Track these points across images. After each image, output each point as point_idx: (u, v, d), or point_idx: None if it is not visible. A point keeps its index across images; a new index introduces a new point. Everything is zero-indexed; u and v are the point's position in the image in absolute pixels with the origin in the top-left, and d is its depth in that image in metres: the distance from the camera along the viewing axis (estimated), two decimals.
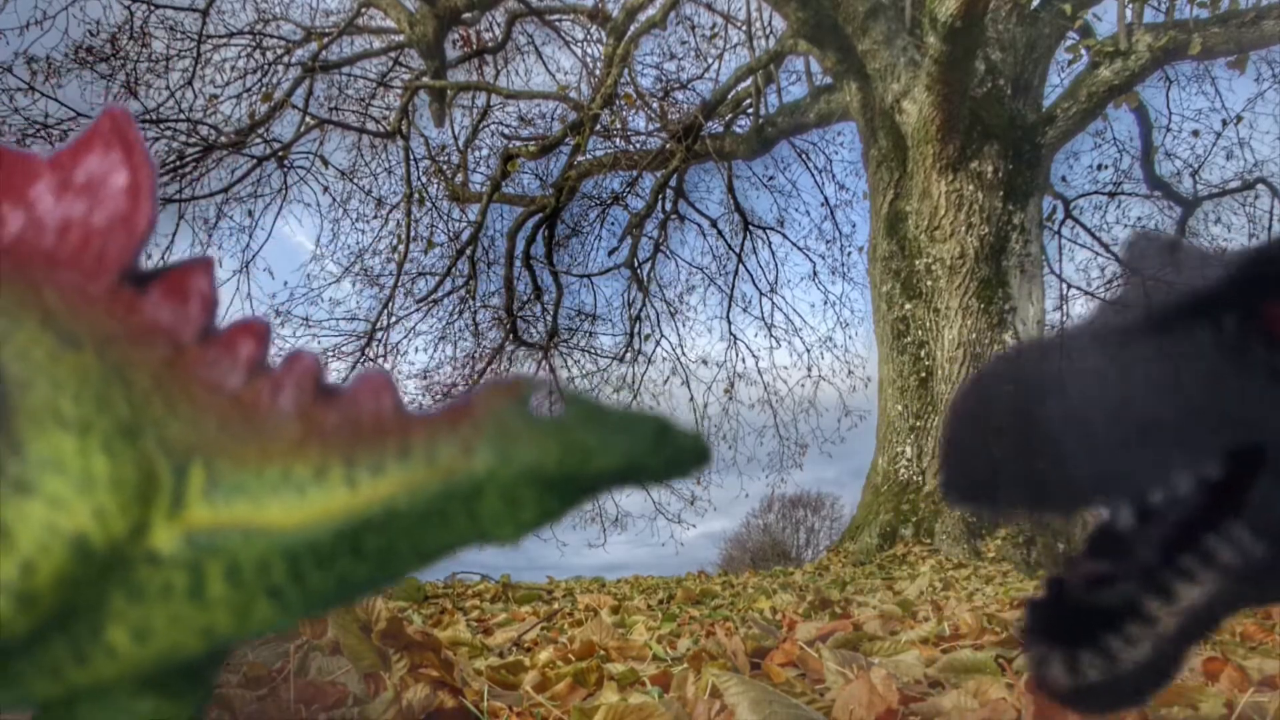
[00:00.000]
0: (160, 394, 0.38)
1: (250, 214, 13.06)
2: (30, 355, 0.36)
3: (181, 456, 0.37)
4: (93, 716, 0.41)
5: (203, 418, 0.38)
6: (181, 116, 11.92)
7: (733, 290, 15.11)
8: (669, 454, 0.38)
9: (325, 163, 13.31)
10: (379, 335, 13.83)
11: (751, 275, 15.38)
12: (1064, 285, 12.77)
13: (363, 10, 13.09)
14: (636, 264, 14.36)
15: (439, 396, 14.37)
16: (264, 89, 12.81)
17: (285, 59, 13.28)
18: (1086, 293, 12.59)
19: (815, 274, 15.78)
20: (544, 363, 14.12)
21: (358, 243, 19.63)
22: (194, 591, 0.36)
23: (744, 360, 17.22)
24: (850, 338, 16.33)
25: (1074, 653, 0.61)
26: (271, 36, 13.17)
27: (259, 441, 0.38)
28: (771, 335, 15.29)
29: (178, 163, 11.46)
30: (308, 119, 12.69)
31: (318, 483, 0.37)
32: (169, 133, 11.53)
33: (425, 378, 14.48)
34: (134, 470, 0.36)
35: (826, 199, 17.24)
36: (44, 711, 0.42)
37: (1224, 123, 12.04)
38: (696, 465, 0.39)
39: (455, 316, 14.28)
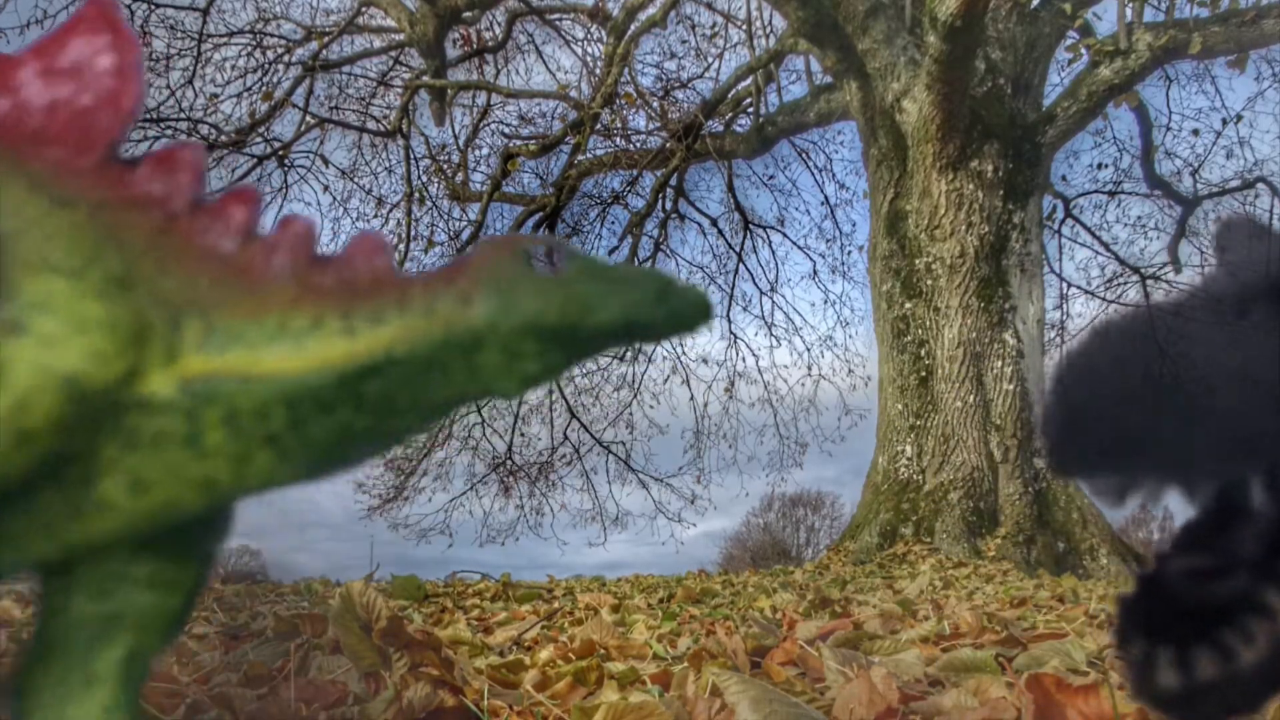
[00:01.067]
0: (153, 254, 0.37)
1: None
2: (21, 211, 0.35)
3: (176, 310, 0.37)
4: (90, 580, 0.41)
5: (197, 277, 0.38)
6: (182, 115, 11.92)
7: (733, 289, 15.12)
8: (671, 308, 0.37)
9: (326, 162, 13.32)
10: None
11: (751, 274, 15.39)
12: (1064, 284, 12.79)
13: (363, 9, 13.09)
14: (637, 263, 14.34)
15: None
16: (264, 88, 12.81)
17: (286, 58, 13.28)
18: (1086, 291, 12.61)
19: (815, 273, 15.81)
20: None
21: None
22: (190, 439, 0.36)
23: (744, 359, 17.27)
24: (850, 336, 16.34)
25: (1185, 650, 0.54)
26: (272, 36, 13.17)
27: (255, 297, 0.38)
28: (772, 334, 15.29)
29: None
30: (308, 118, 12.69)
31: (315, 332, 0.37)
32: (169, 132, 11.53)
33: None
34: (128, 315, 0.35)
35: (826, 198, 17.24)
36: (43, 578, 0.42)
37: (1224, 122, 12.04)
38: (699, 320, 0.39)
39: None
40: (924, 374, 9.31)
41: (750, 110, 13.26)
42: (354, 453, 0.39)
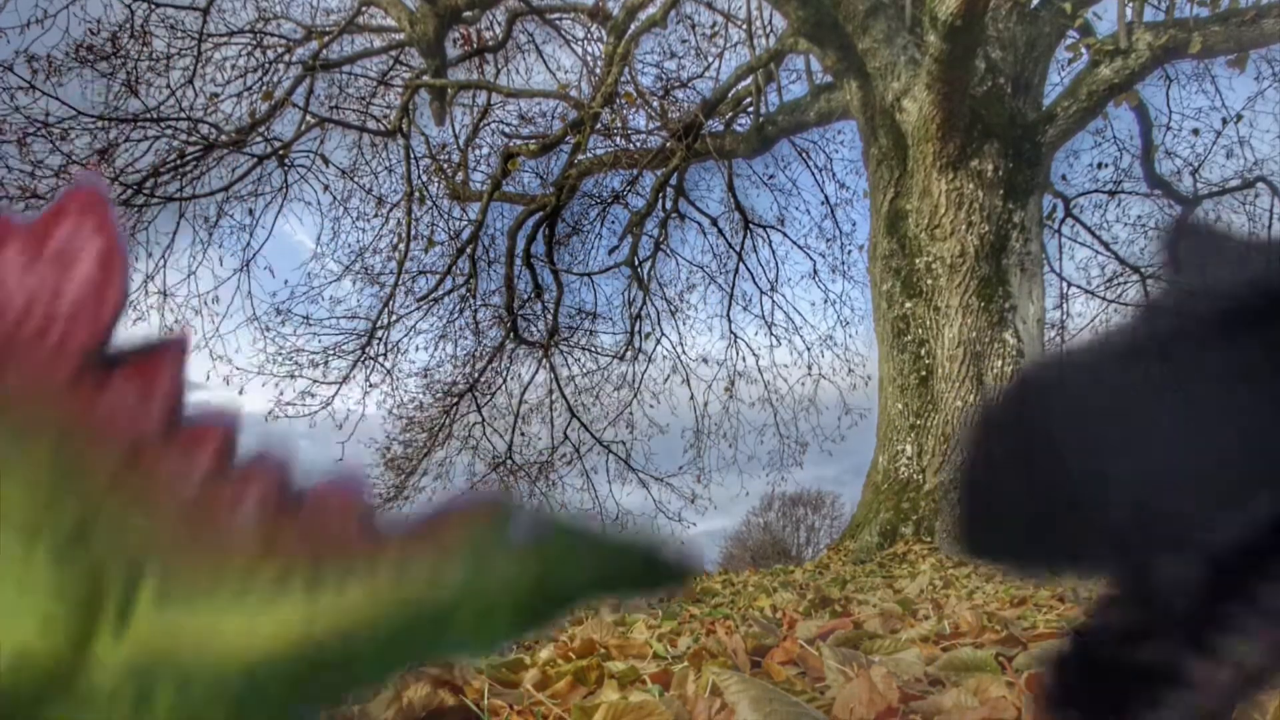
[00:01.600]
0: (115, 495, 0.36)
1: (251, 212, 13.08)
2: None
3: (133, 564, 0.36)
4: None
5: (159, 521, 0.36)
6: (182, 115, 11.92)
7: (733, 288, 15.13)
8: (647, 573, 0.37)
9: (326, 161, 13.33)
10: (379, 334, 13.85)
11: (752, 273, 15.40)
12: (1064, 284, 12.79)
13: (363, 9, 13.09)
14: (637, 262, 14.36)
15: (439, 395, 14.39)
16: (264, 87, 12.81)
17: (286, 58, 13.28)
18: (1087, 291, 12.62)
19: (815, 272, 15.80)
20: (544, 361, 14.12)
21: (358, 241, 19.71)
22: (142, 703, 0.35)
23: (744, 358, 17.21)
24: (850, 336, 16.33)
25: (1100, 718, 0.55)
26: (272, 35, 13.17)
27: (217, 547, 0.36)
28: (772, 333, 15.31)
29: (178, 161, 11.48)
30: (308, 117, 12.70)
31: (279, 593, 0.36)
32: (170, 131, 11.54)
33: (426, 376, 14.51)
34: (82, 578, 0.34)
35: (827, 197, 17.24)
36: None
37: (1224, 121, 12.05)
38: (675, 583, 0.37)
39: (456, 315, 14.30)
40: (924, 373, 9.32)
41: (750, 109, 13.26)
42: (311, 709, 0.37)
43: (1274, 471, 0.51)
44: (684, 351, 15.01)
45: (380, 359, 13.97)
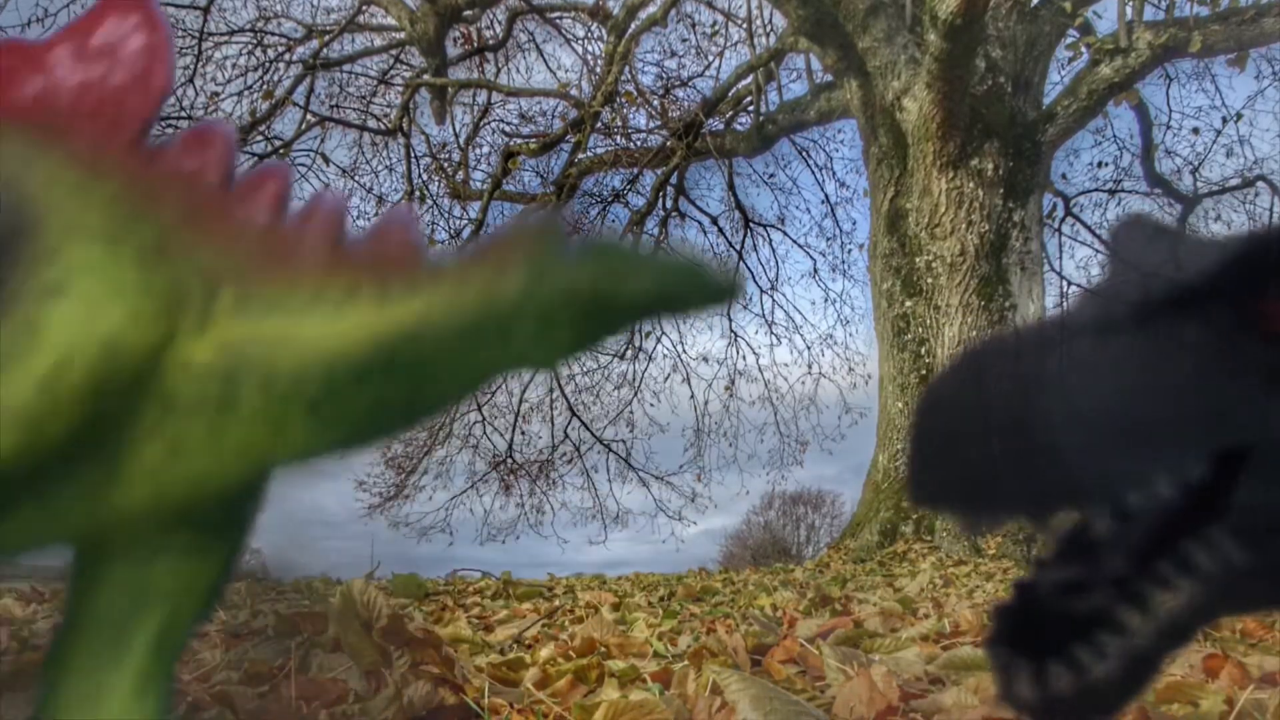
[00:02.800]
0: (188, 227, 0.37)
1: None
2: (56, 182, 0.35)
3: (212, 279, 0.37)
4: (126, 550, 0.40)
5: (231, 248, 0.38)
6: (183, 114, 11.91)
7: None
8: (702, 283, 0.37)
9: (326, 160, 13.33)
10: None
11: (752, 272, 15.39)
12: (1064, 282, 12.78)
13: (364, 8, 13.09)
14: None
15: None
16: (265, 86, 12.82)
17: (286, 56, 13.28)
18: (1086, 290, 12.60)
19: (816, 271, 15.83)
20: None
21: None
22: (228, 403, 0.36)
23: (744, 357, 17.23)
24: (851, 335, 16.32)
25: (1040, 663, 0.57)
26: (272, 34, 13.17)
27: (289, 268, 0.38)
28: (772, 332, 15.32)
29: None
30: (309, 116, 12.70)
31: (349, 301, 0.37)
32: (170, 130, 11.52)
33: None
34: (165, 281, 0.35)
35: (827, 196, 17.27)
36: (76, 553, 0.41)
37: (1224, 120, 12.06)
38: (728, 295, 0.38)
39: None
40: (924, 372, 9.31)
41: (751, 108, 13.26)
42: (389, 423, 0.38)
43: (1198, 440, 0.55)
44: (684, 350, 15.04)
45: None
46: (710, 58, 14.51)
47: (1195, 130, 12.34)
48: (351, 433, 0.38)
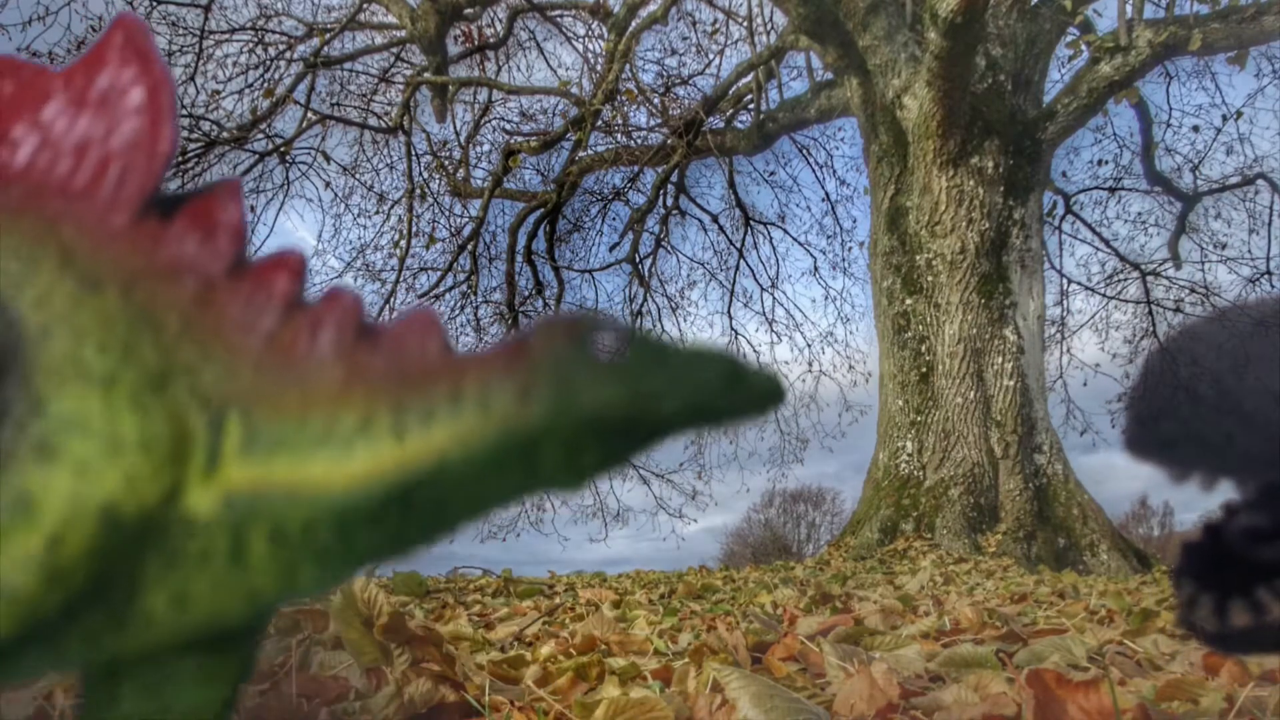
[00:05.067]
0: (191, 336, 0.35)
1: (252, 209, 13.06)
2: (50, 301, 0.33)
3: (216, 407, 0.34)
4: (135, 679, 0.39)
5: (238, 361, 0.35)
6: (184, 112, 11.91)
7: (734, 285, 15.13)
8: (741, 394, 0.35)
9: (327, 158, 13.31)
10: None
11: (752, 270, 15.42)
12: (1064, 280, 12.79)
13: (364, 6, 13.08)
14: (638, 259, 14.37)
15: None
16: (266, 85, 12.81)
17: (287, 55, 13.27)
18: (1087, 287, 12.61)
19: (816, 269, 15.82)
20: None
21: (360, 238, 19.74)
22: (235, 556, 0.34)
23: (745, 355, 17.19)
24: (851, 333, 16.43)
25: (1223, 599, 0.62)
26: (273, 32, 13.16)
27: (299, 387, 0.35)
28: (772, 330, 15.32)
29: (180, 159, 11.46)
30: (310, 114, 12.68)
31: (364, 434, 0.34)
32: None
33: None
34: (165, 427, 0.33)
35: (827, 194, 17.25)
36: (87, 675, 0.40)
37: (1224, 118, 12.05)
38: (770, 405, 0.36)
39: (457, 312, 14.28)
40: (925, 370, 9.32)
41: (751, 106, 13.27)
42: (404, 550, 0.37)
43: None
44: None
45: None
46: (711, 55, 14.58)
47: (1195, 128, 12.33)
48: (362, 564, 0.36)
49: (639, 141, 13.07)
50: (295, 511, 0.34)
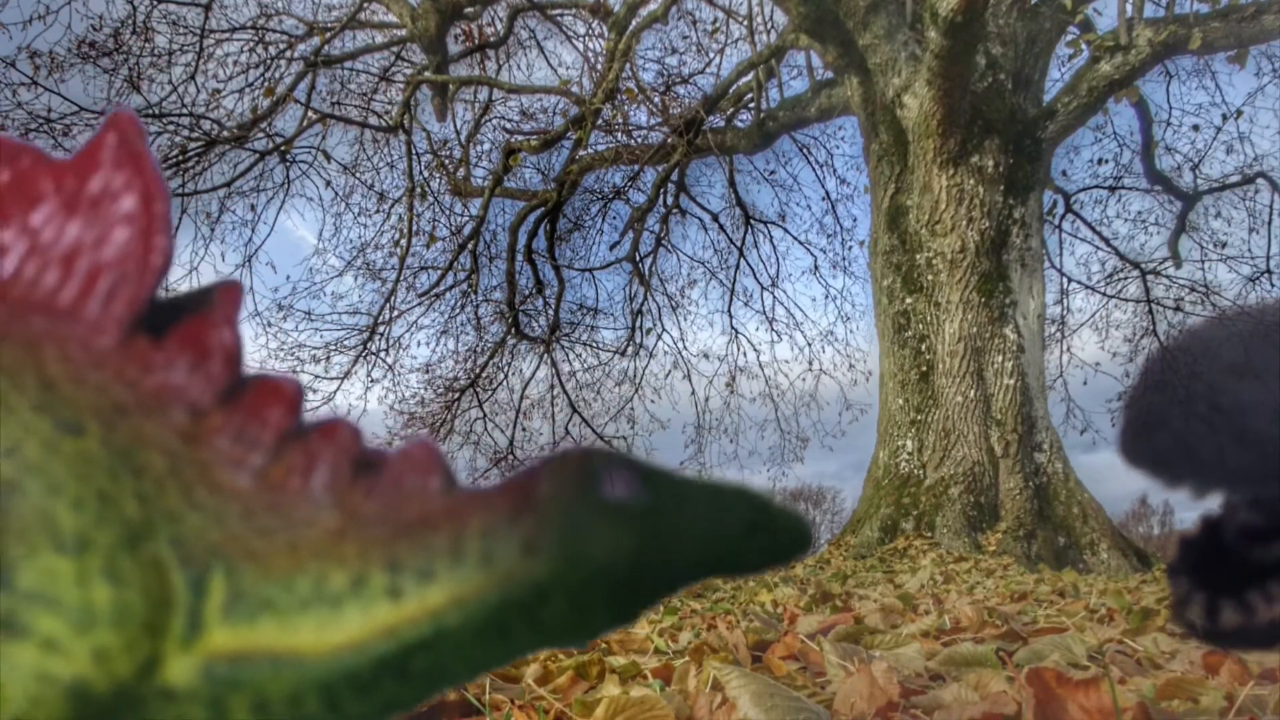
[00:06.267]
0: (176, 478, 0.32)
1: (253, 208, 13.06)
2: (23, 451, 0.30)
3: (199, 562, 0.32)
4: None
5: (225, 506, 0.32)
6: (184, 111, 11.91)
7: (734, 284, 15.13)
8: (764, 541, 0.32)
9: (328, 157, 13.31)
10: (381, 329, 13.83)
11: (753, 269, 15.39)
12: (1064, 279, 12.78)
13: (365, 5, 13.08)
14: (638, 258, 14.37)
15: (441, 390, 14.38)
16: (266, 84, 12.80)
17: (288, 54, 13.27)
18: (1087, 286, 12.61)
19: (816, 268, 15.76)
20: (546, 357, 14.11)
21: (360, 237, 19.68)
22: None
23: (745, 354, 17.27)
24: (851, 331, 16.40)
25: (1216, 598, 0.63)
26: (274, 31, 13.16)
27: (288, 536, 0.33)
28: (773, 329, 15.29)
29: (180, 157, 11.46)
30: (310, 114, 12.68)
31: (356, 594, 0.32)
32: (171, 127, 11.52)
33: (428, 371, 14.50)
34: (142, 595, 0.30)
35: (828, 193, 17.16)
36: None
37: (1224, 117, 12.04)
38: (795, 552, 0.33)
39: (457, 310, 14.27)
40: (925, 369, 9.32)
41: (751, 105, 13.26)
42: (395, 714, 0.34)
43: None
44: (685, 347, 14.98)
45: (382, 354, 13.95)
46: (711, 55, 14.56)
47: (1195, 127, 12.33)
48: None
49: (639, 140, 13.07)
50: (280, 681, 0.32)
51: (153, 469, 0.32)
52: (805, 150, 14.94)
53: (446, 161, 13.97)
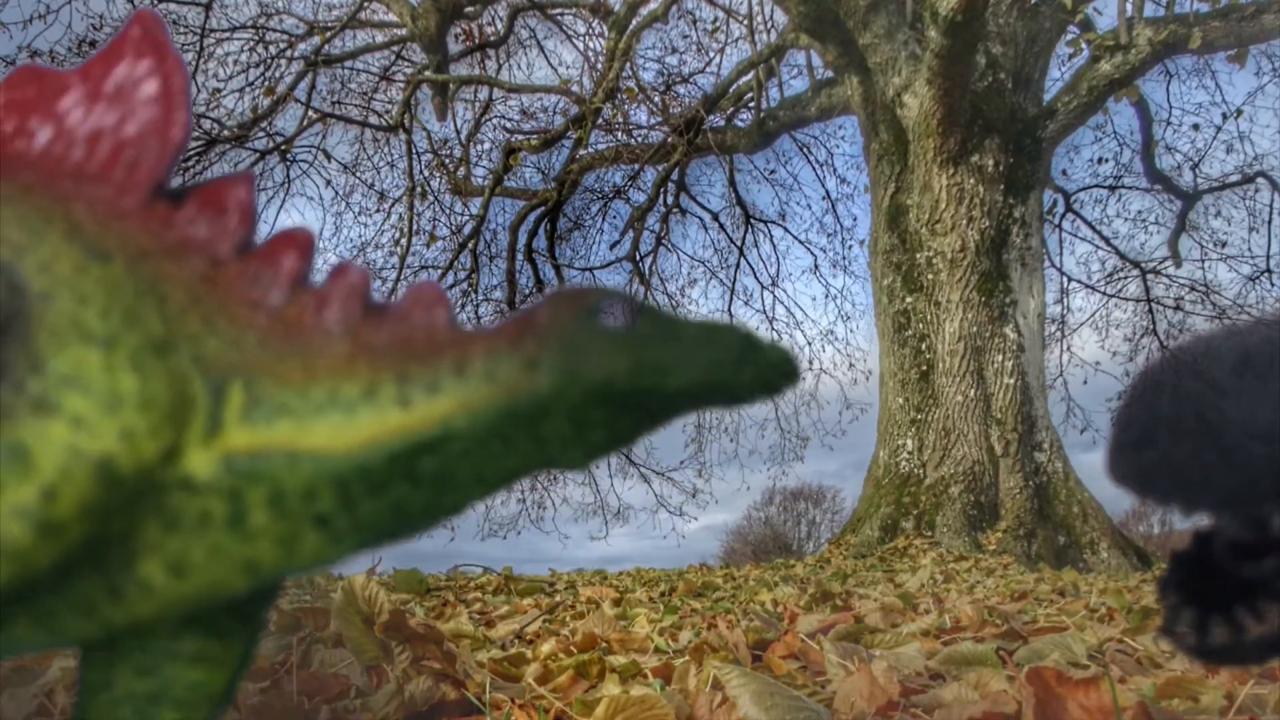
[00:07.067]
0: (196, 309, 0.34)
1: None
2: (54, 268, 0.33)
3: (219, 375, 0.34)
4: (133, 657, 0.39)
5: (242, 335, 0.35)
6: None
7: (734, 283, 15.13)
8: (753, 370, 0.34)
9: (328, 156, 13.33)
10: None
11: (753, 268, 15.42)
12: (1064, 278, 12.79)
13: (365, 4, 13.08)
14: (638, 257, 14.36)
15: None
16: (267, 83, 12.80)
17: (288, 53, 13.27)
18: (1087, 285, 12.61)
19: (816, 267, 15.77)
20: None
21: (360, 236, 19.66)
22: (234, 521, 0.33)
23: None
24: (851, 331, 16.44)
25: (1205, 614, 0.63)
26: (274, 31, 13.16)
27: (303, 359, 0.35)
28: (773, 328, 15.28)
29: (181, 157, 11.46)
30: (310, 113, 12.68)
31: (367, 402, 0.34)
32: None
33: None
34: (165, 389, 0.32)
35: (828, 192, 17.17)
36: (85, 654, 0.39)
37: (1224, 116, 12.05)
38: (784, 382, 0.35)
39: (458, 310, 14.25)
40: (925, 368, 9.32)
41: (751, 105, 13.26)
42: (408, 527, 0.36)
43: None
44: None
45: None
46: (711, 54, 14.56)
47: (1195, 126, 12.34)
48: (366, 539, 0.35)
49: (639, 140, 13.08)
50: (296, 475, 0.33)
51: (174, 299, 0.34)
52: (805, 149, 14.96)
53: (447, 161, 13.98)
